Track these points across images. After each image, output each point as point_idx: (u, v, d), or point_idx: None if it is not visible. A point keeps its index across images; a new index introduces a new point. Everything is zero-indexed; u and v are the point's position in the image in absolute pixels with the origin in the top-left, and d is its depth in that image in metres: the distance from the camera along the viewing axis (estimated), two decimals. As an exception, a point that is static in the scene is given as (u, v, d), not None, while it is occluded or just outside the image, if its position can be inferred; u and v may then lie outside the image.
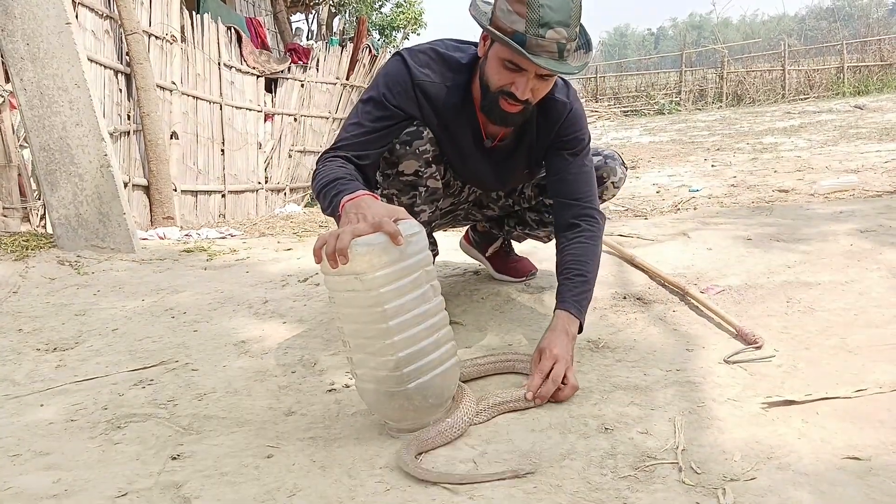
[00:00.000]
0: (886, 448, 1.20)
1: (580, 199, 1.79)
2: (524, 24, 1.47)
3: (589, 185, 1.83)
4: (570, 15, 1.48)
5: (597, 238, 1.77)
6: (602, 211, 1.83)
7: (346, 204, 1.38)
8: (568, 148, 1.80)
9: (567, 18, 1.48)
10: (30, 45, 3.20)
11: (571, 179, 1.80)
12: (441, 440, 1.32)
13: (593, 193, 1.83)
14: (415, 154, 1.71)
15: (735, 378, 1.54)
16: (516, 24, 1.48)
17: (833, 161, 5.92)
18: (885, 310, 1.88)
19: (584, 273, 1.70)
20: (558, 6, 1.47)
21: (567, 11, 1.48)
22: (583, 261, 1.72)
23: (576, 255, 1.72)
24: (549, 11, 1.46)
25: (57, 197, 3.34)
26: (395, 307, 1.28)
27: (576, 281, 1.69)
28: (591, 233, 1.76)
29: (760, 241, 2.73)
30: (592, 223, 1.78)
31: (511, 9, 1.48)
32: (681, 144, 9.26)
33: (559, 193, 1.82)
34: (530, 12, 1.46)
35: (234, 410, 1.56)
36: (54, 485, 1.25)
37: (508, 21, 1.49)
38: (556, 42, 1.48)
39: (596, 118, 16.71)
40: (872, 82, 17.76)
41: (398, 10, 20.48)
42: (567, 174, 1.80)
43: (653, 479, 1.16)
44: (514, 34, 1.48)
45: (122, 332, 2.19)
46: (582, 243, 1.74)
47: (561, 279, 1.72)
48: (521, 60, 1.51)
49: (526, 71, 1.54)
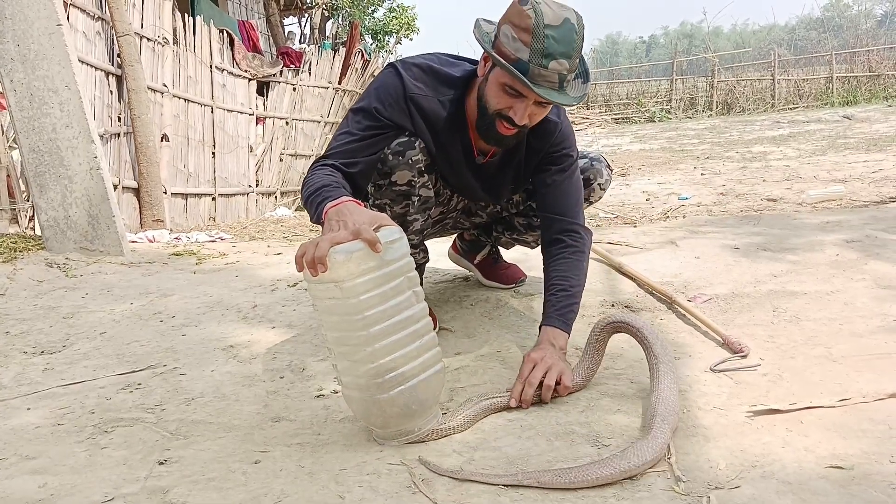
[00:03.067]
0: (869, 457, 1.21)
1: (566, 214, 1.82)
2: (528, 54, 1.49)
3: (575, 201, 1.85)
4: (573, 47, 1.50)
5: (581, 253, 1.80)
6: (587, 227, 1.86)
7: (329, 211, 1.38)
8: (556, 164, 1.83)
9: (570, 50, 1.50)
10: (20, 46, 3.19)
11: (558, 195, 1.83)
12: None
13: (579, 209, 1.86)
14: (408, 164, 1.72)
15: (721, 386, 1.56)
16: (520, 52, 1.49)
17: (821, 171, 5.97)
18: (869, 320, 1.90)
19: (567, 288, 1.73)
20: (562, 38, 1.48)
21: (571, 44, 1.50)
22: (566, 276, 1.74)
23: (560, 272, 1.75)
24: (553, 43, 1.48)
25: (46, 199, 3.33)
26: (375, 314, 1.28)
27: (559, 296, 1.72)
28: (576, 248, 1.79)
29: (748, 250, 2.76)
30: (577, 238, 1.80)
31: (516, 36, 1.50)
32: (671, 152, 9.31)
33: (546, 209, 1.84)
34: (535, 42, 1.48)
35: (222, 415, 1.56)
36: (40, 489, 1.25)
37: (513, 48, 1.51)
38: (558, 73, 1.50)
39: (587, 125, 16.76)
40: (861, 93, 17.91)
41: (391, 14, 20.50)
42: (554, 190, 1.83)
43: (639, 487, 1.17)
44: (518, 62, 1.50)
45: (110, 336, 2.18)
46: (566, 259, 1.77)
47: (546, 296, 1.75)
48: (522, 88, 1.53)
49: (525, 97, 1.56)
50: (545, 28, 1.47)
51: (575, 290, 1.74)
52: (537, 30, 1.47)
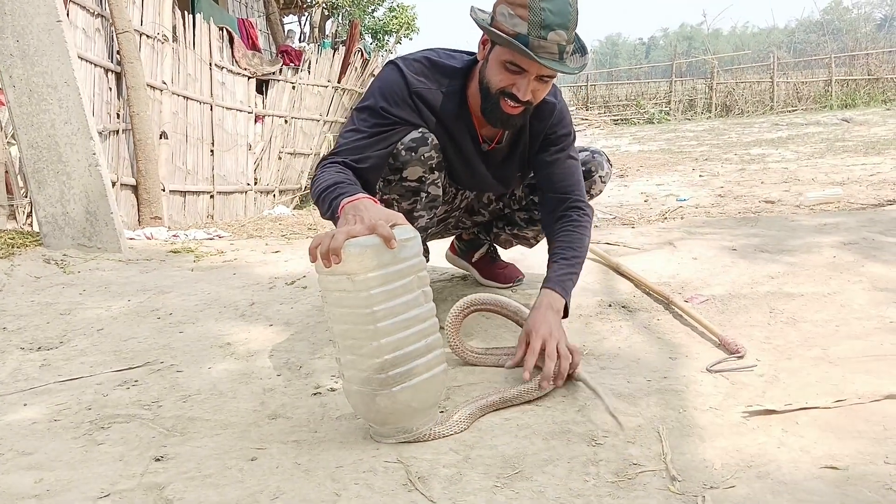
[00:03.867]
0: (864, 458, 1.21)
1: (569, 191, 1.85)
2: (526, 27, 1.52)
3: (576, 178, 1.88)
4: (569, 18, 1.54)
5: (584, 227, 1.82)
6: (590, 204, 1.88)
7: (346, 206, 1.39)
8: (556, 143, 1.86)
9: (567, 21, 1.54)
10: (20, 41, 3.19)
11: (560, 173, 1.86)
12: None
13: (581, 186, 1.89)
14: (420, 160, 1.73)
15: (717, 387, 1.56)
16: (518, 26, 1.53)
17: (819, 173, 5.98)
18: (865, 322, 1.90)
19: (569, 257, 1.75)
20: (558, 10, 1.52)
21: (567, 15, 1.54)
22: (569, 246, 1.77)
23: (563, 241, 1.78)
24: (549, 15, 1.51)
25: (44, 195, 3.33)
26: (384, 309, 1.29)
27: (561, 264, 1.74)
28: (579, 222, 1.82)
29: (745, 251, 2.76)
30: (581, 214, 1.83)
31: (513, 13, 1.54)
32: (669, 154, 9.32)
33: (548, 188, 1.86)
34: (532, 15, 1.51)
35: (219, 412, 1.56)
36: (36, 485, 1.25)
37: (511, 24, 1.54)
38: (557, 44, 1.54)
39: (586, 126, 16.78)
40: (859, 96, 17.96)
41: (391, 14, 20.50)
42: (555, 168, 1.86)
43: (634, 486, 1.17)
44: (517, 36, 1.54)
45: (107, 333, 2.18)
46: (570, 231, 1.80)
47: (548, 263, 1.77)
48: (522, 60, 1.56)
49: (527, 72, 1.59)
50: (541, 1, 1.51)
51: (575, 261, 1.77)
52: (533, 3, 1.51)
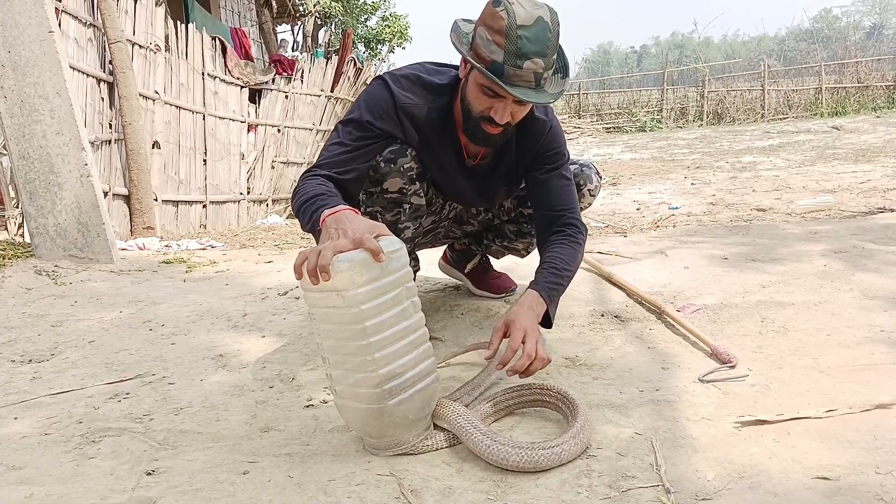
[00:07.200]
0: (855, 468, 1.22)
1: (563, 210, 1.84)
2: (502, 55, 1.50)
3: (571, 197, 1.88)
4: (547, 45, 1.51)
5: (577, 243, 1.82)
6: (584, 223, 1.87)
7: (327, 219, 1.38)
8: (549, 163, 1.85)
9: (544, 49, 1.51)
10: (11, 52, 3.18)
11: (554, 192, 1.85)
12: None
13: (576, 205, 1.89)
14: (399, 171, 1.73)
15: (709, 397, 1.56)
16: (494, 54, 1.51)
17: (810, 181, 6.02)
18: (856, 331, 1.91)
19: (559, 268, 1.74)
20: (535, 37, 1.49)
21: (545, 42, 1.50)
22: (561, 258, 1.76)
23: (556, 252, 1.77)
24: (526, 43, 1.48)
25: (35, 206, 3.31)
26: (376, 324, 1.28)
27: (551, 272, 1.73)
28: (573, 238, 1.81)
29: (736, 260, 2.77)
30: (575, 231, 1.83)
31: (490, 38, 1.51)
32: (661, 162, 9.36)
33: (542, 206, 1.86)
34: (508, 44, 1.49)
35: (211, 425, 1.55)
36: (27, 499, 1.24)
37: (487, 51, 1.52)
38: (534, 72, 1.51)
39: (578, 134, 16.83)
40: (849, 103, 18.09)
41: (384, 23, 20.57)
42: (550, 187, 1.85)
43: (627, 498, 1.17)
44: (493, 64, 1.51)
45: (98, 345, 2.17)
46: (563, 245, 1.79)
47: (537, 270, 1.76)
48: (498, 90, 1.55)
49: (504, 98, 1.57)
50: (518, 29, 1.48)
51: (565, 272, 1.75)
52: (510, 31, 1.48)
